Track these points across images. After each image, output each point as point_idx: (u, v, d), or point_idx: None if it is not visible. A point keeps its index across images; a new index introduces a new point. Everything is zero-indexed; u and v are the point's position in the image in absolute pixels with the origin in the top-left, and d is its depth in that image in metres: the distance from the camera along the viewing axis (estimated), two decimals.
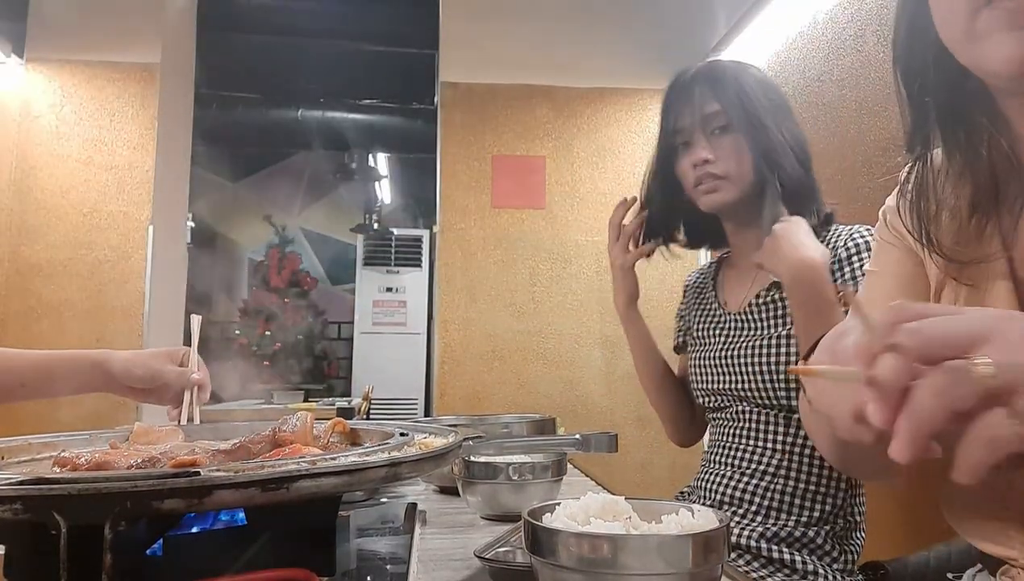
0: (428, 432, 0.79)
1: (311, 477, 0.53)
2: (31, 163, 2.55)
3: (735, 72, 1.24)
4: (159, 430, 0.86)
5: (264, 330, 5.54)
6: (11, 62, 2.57)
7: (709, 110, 1.22)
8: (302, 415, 0.79)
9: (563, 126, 2.89)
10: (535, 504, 0.64)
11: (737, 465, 1.22)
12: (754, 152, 1.19)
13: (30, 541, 0.51)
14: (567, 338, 2.83)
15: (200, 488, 0.49)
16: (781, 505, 1.14)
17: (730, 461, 1.24)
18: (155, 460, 0.65)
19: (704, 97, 1.22)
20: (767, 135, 1.19)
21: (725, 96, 1.21)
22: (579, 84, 2.80)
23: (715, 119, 1.22)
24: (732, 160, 1.20)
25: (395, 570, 0.71)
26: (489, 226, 2.86)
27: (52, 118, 2.59)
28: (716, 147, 1.21)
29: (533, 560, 0.58)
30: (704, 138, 1.22)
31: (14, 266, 2.50)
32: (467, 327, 2.81)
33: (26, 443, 0.79)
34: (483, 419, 1.42)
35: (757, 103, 1.20)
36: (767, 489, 1.16)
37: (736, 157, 1.20)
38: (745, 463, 1.21)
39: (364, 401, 2.34)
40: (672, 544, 0.54)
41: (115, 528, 0.46)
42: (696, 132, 1.23)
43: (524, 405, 2.71)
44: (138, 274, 2.57)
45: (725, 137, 1.21)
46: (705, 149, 1.21)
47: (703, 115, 1.22)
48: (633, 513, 0.62)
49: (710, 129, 1.22)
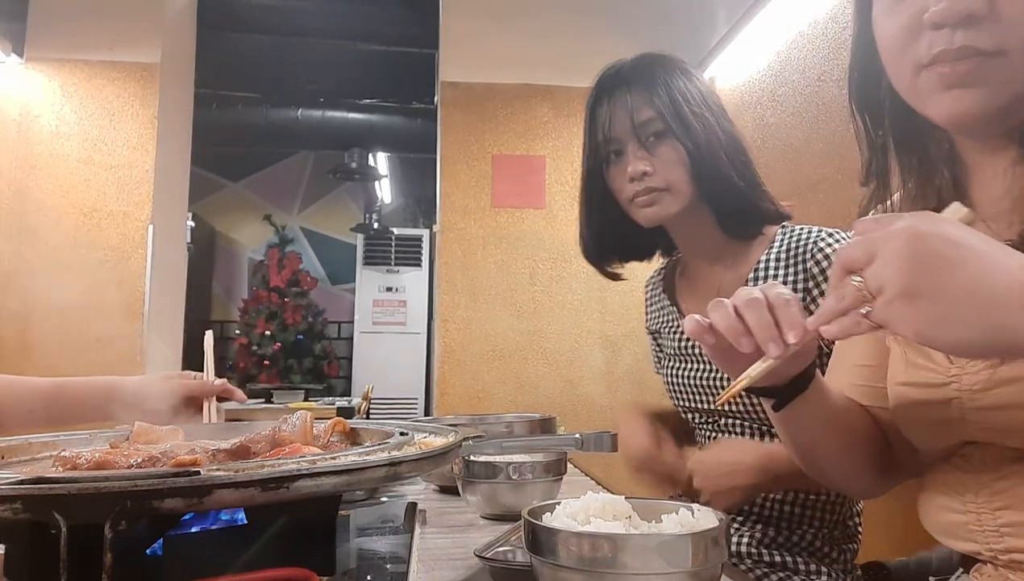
0: (428, 432, 0.79)
1: (311, 477, 0.53)
2: (31, 163, 2.55)
3: (665, 71, 1.14)
4: (159, 430, 0.86)
5: (264, 330, 5.55)
6: (11, 62, 2.57)
7: (642, 117, 1.11)
8: (302, 415, 0.79)
9: (563, 126, 2.89)
10: (535, 503, 0.64)
11: None
12: (693, 159, 1.10)
13: (30, 541, 0.51)
14: (567, 338, 2.83)
15: (200, 488, 0.49)
16: (781, 513, 1.13)
17: None
18: (155, 460, 0.65)
19: (636, 102, 1.12)
20: (705, 140, 1.11)
21: (659, 100, 1.11)
22: (579, 84, 2.80)
23: (649, 125, 1.12)
24: (672, 170, 1.11)
25: (395, 570, 0.71)
26: (489, 226, 2.86)
27: (52, 118, 2.59)
28: (653, 156, 1.11)
29: (533, 559, 0.58)
30: (639, 147, 1.12)
31: (14, 266, 2.50)
32: (467, 326, 2.81)
33: (26, 443, 0.79)
34: (483, 419, 1.42)
35: (692, 105, 1.12)
36: (763, 497, 1.14)
37: (676, 166, 1.11)
38: None
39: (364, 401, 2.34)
40: (672, 543, 0.54)
41: (115, 528, 0.46)
42: (630, 141, 1.13)
43: (524, 405, 2.71)
44: (138, 274, 2.57)
45: (662, 145, 1.11)
46: (642, 160, 1.11)
47: (636, 122, 1.12)
48: (633, 512, 0.62)
49: (645, 136, 1.12)
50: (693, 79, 1.16)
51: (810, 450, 0.82)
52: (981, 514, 0.65)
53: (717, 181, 1.11)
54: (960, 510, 0.67)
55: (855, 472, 0.82)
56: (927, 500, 0.73)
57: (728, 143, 1.13)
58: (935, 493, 0.71)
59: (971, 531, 0.66)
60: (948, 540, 0.71)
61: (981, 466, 0.66)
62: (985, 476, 0.65)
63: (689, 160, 1.11)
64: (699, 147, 1.10)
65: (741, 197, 1.13)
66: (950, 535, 0.70)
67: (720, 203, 1.14)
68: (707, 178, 1.11)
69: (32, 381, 1.07)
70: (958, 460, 0.68)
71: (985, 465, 0.65)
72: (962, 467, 0.68)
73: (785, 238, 1.14)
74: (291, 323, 5.71)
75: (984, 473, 0.65)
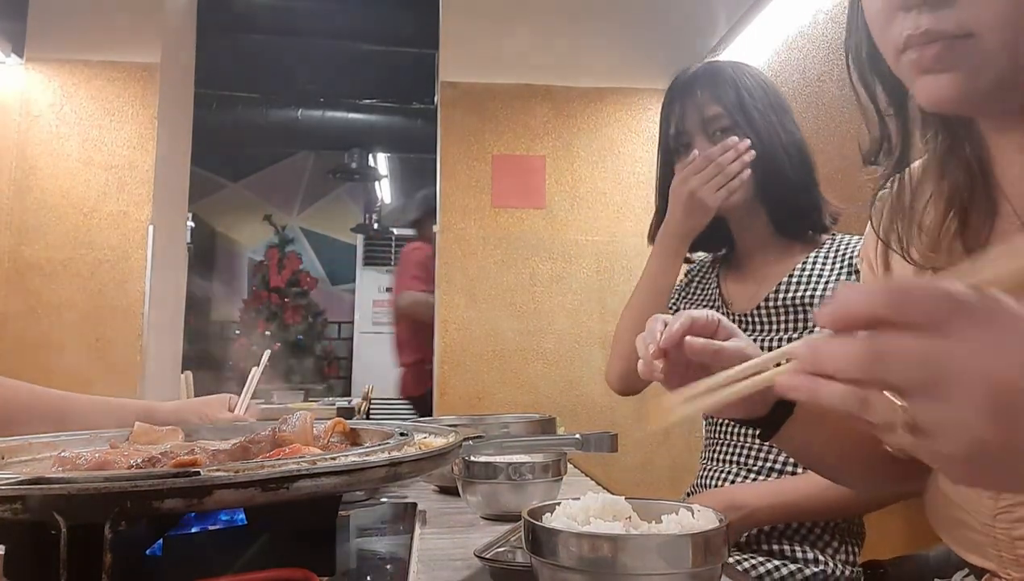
0: (428, 432, 0.79)
1: (311, 477, 0.53)
2: (31, 163, 2.55)
3: (734, 73, 1.24)
4: (159, 430, 0.86)
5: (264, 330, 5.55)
6: (11, 62, 2.56)
7: (710, 112, 1.22)
8: (302, 415, 0.79)
9: (563, 126, 2.89)
10: (535, 504, 0.64)
11: (737, 462, 1.22)
12: (754, 152, 1.18)
13: (30, 541, 0.51)
14: (567, 338, 2.82)
15: (200, 488, 0.49)
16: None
17: (730, 459, 1.23)
18: (155, 460, 0.65)
19: (705, 99, 1.22)
20: (768, 136, 1.19)
21: (726, 97, 1.21)
22: (579, 84, 2.80)
23: (716, 121, 1.22)
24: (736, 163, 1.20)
25: (395, 570, 0.71)
26: (489, 226, 2.85)
27: (52, 118, 2.58)
28: None
29: (533, 560, 0.58)
30: (706, 141, 1.22)
31: (14, 266, 2.50)
32: (467, 327, 2.81)
33: (26, 443, 0.79)
34: (483, 419, 1.42)
35: (758, 104, 1.21)
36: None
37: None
38: (743, 458, 1.21)
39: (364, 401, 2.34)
40: (672, 544, 0.54)
41: (115, 528, 0.46)
42: (697, 134, 1.23)
43: (524, 405, 2.71)
44: (138, 274, 2.57)
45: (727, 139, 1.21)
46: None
47: (704, 117, 1.22)
48: (633, 513, 0.62)
49: (711, 131, 1.22)
50: (760, 81, 1.24)
51: (819, 464, 0.80)
52: (999, 538, 0.63)
53: (775, 176, 1.19)
54: (980, 530, 0.65)
55: (875, 481, 0.80)
56: (936, 501, 0.71)
57: (789, 142, 1.20)
58: (947, 500, 0.69)
59: (987, 552, 0.64)
60: (961, 551, 0.69)
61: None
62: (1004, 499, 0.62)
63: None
64: (761, 142, 1.18)
65: (795, 195, 1.20)
66: (965, 548, 0.68)
67: (775, 198, 1.21)
68: (766, 172, 1.19)
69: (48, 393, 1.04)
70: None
71: None
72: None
73: (835, 243, 1.21)
74: (291, 323, 5.71)
75: (1004, 495, 0.62)
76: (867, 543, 1.19)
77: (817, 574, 1.09)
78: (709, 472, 1.27)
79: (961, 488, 0.67)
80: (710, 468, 1.27)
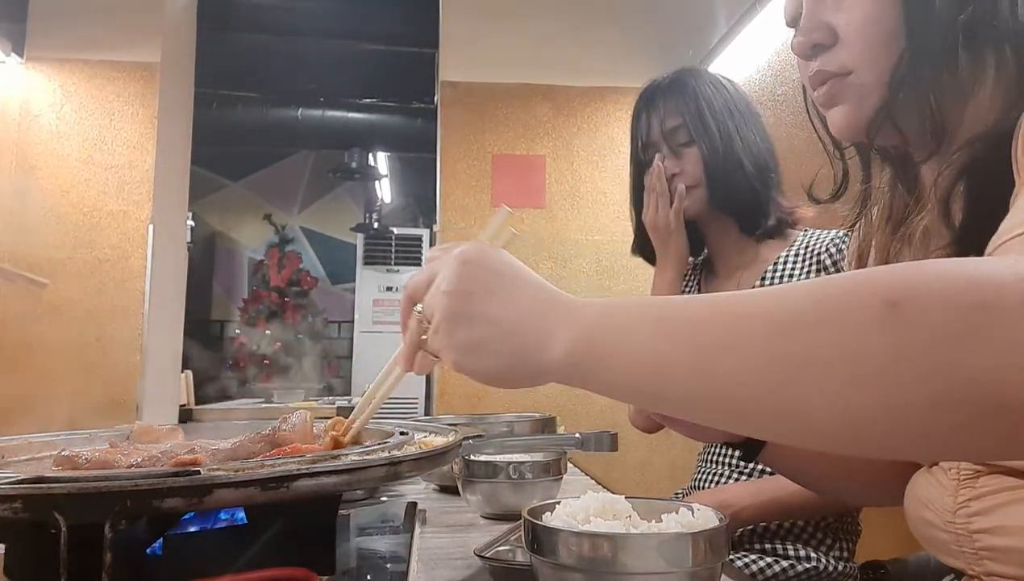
0: (428, 431, 0.79)
1: (311, 476, 0.53)
2: (31, 162, 2.55)
3: (696, 82, 1.27)
4: (159, 429, 0.86)
5: (264, 329, 5.54)
6: (11, 61, 2.56)
7: (670, 124, 1.26)
8: (302, 415, 0.79)
9: (563, 125, 2.89)
10: (535, 503, 0.64)
11: (729, 464, 1.23)
12: (708, 161, 1.23)
13: (30, 541, 0.51)
14: None
15: (200, 487, 0.49)
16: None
17: (725, 460, 1.24)
18: (155, 459, 0.65)
19: (667, 110, 1.27)
20: (725, 143, 1.22)
21: (685, 109, 1.25)
22: (579, 83, 2.80)
23: (675, 132, 1.26)
24: (694, 171, 1.25)
25: (395, 569, 0.71)
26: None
27: (52, 117, 2.58)
28: (681, 159, 1.26)
29: (533, 559, 0.58)
30: (670, 151, 1.26)
31: (14, 266, 2.50)
32: None
33: (26, 442, 0.79)
34: (483, 418, 1.42)
35: (716, 112, 1.24)
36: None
37: (697, 167, 1.25)
38: (735, 460, 1.22)
39: None
40: (672, 543, 0.54)
41: (115, 527, 0.46)
42: (662, 146, 1.27)
43: (524, 404, 2.71)
44: (138, 274, 2.57)
45: (688, 149, 1.25)
46: (672, 163, 1.26)
47: (665, 130, 1.27)
48: (633, 512, 0.62)
49: (673, 143, 1.26)
50: (722, 88, 1.28)
51: (806, 478, 0.82)
52: (959, 533, 0.63)
53: (730, 181, 1.22)
54: (943, 528, 0.65)
55: (866, 489, 0.81)
56: (910, 504, 0.72)
57: (745, 147, 1.23)
58: (917, 501, 0.70)
59: (951, 549, 0.64)
60: (934, 552, 0.69)
61: (957, 482, 0.64)
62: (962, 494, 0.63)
63: (703, 163, 1.23)
64: (715, 151, 1.22)
65: (754, 197, 1.23)
66: (936, 549, 0.68)
67: (733, 202, 1.24)
68: (720, 180, 1.23)
69: None
70: (939, 472, 0.67)
71: (961, 482, 0.63)
72: (942, 481, 0.66)
73: (805, 239, 1.23)
74: (291, 323, 5.71)
75: (961, 490, 0.63)
76: (867, 543, 1.19)
77: (809, 570, 1.10)
78: (702, 473, 1.28)
79: (927, 487, 0.68)
80: (704, 469, 1.28)
